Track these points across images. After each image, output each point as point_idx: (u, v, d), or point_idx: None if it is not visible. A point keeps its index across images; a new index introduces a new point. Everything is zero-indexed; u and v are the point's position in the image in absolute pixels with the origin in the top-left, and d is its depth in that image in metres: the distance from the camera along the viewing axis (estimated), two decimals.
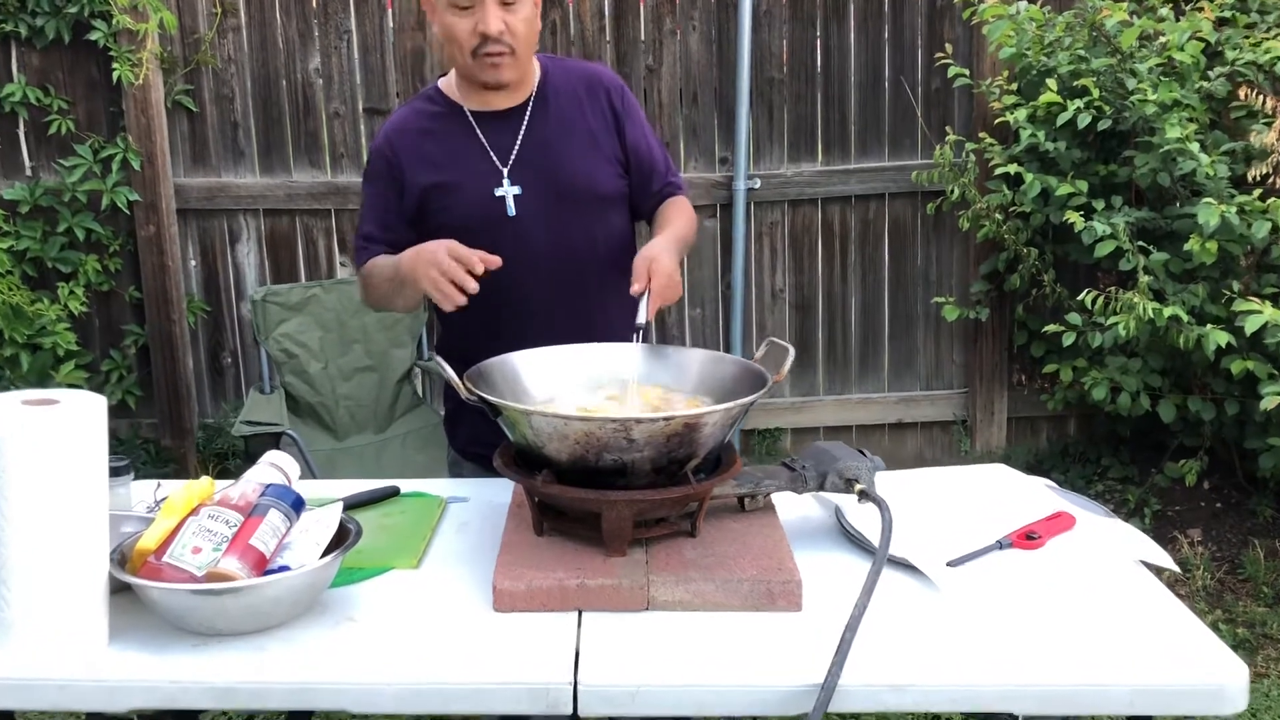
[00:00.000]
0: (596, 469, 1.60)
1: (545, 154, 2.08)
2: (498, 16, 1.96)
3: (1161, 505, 3.93)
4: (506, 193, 2.07)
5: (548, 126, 2.10)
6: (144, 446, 4.16)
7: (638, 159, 2.16)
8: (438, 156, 2.09)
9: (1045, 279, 3.85)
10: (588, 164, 2.10)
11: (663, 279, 1.86)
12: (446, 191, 2.08)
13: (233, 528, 1.55)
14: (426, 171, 2.08)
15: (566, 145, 2.09)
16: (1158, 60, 3.39)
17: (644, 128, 2.20)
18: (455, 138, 2.09)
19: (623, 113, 2.14)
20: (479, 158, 2.08)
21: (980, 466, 2.13)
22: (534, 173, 2.08)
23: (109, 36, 3.86)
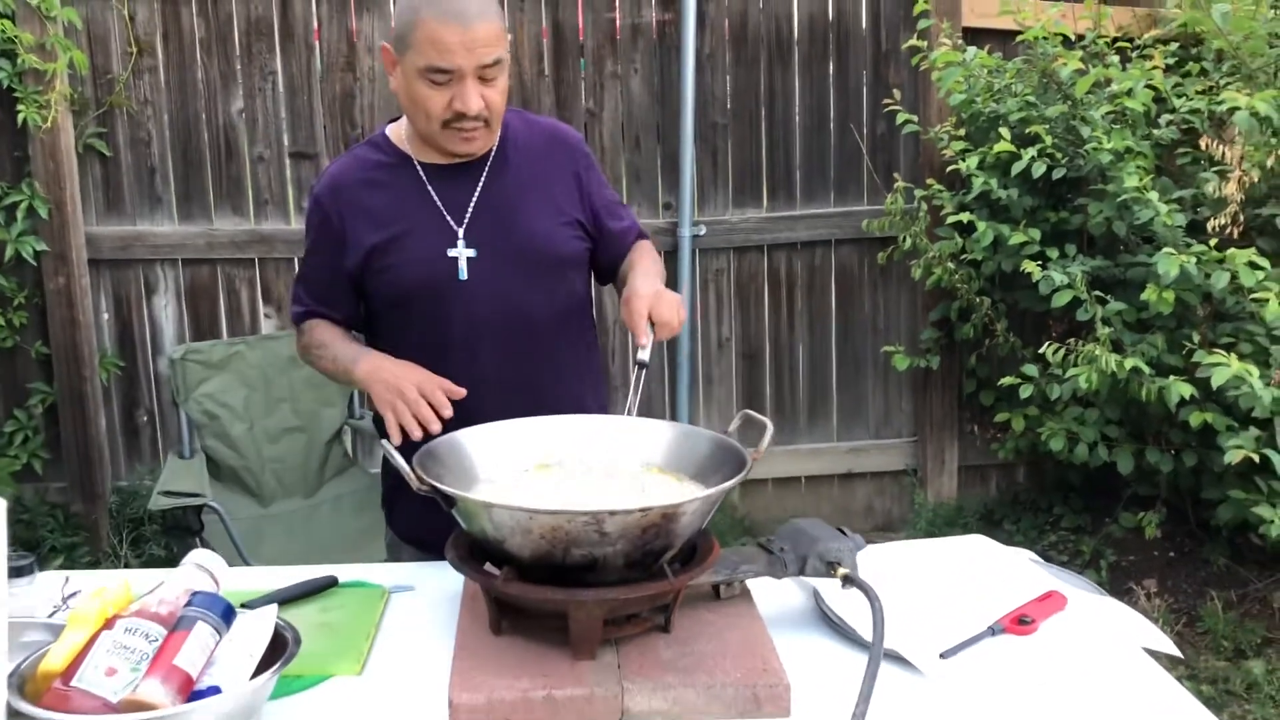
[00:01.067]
0: (563, 565, 1.44)
1: (503, 214, 1.93)
2: (478, 94, 1.81)
3: (1116, 555, 3.86)
4: (460, 254, 1.91)
5: (506, 184, 1.94)
6: (52, 514, 3.89)
7: (604, 220, 2.04)
8: (384, 212, 1.92)
9: (998, 328, 3.78)
10: (547, 225, 1.96)
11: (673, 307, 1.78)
12: (393, 251, 1.91)
13: (154, 643, 1.36)
14: (370, 229, 1.91)
15: (526, 205, 1.94)
16: (1109, 108, 3.35)
17: (606, 186, 2.08)
18: (404, 192, 1.92)
19: (587, 174, 2.02)
20: (430, 215, 1.92)
21: (960, 538, 2.03)
22: (490, 234, 1.92)
23: (13, 76, 3.63)
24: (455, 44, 1.75)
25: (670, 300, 1.79)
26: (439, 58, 1.77)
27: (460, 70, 1.78)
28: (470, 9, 1.76)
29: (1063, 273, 3.29)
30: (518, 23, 4.01)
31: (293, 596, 1.79)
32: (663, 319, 1.78)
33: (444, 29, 1.75)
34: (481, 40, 1.76)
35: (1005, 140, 3.41)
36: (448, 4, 1.76)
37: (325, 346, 1.95)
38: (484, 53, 1.77)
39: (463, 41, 1.76)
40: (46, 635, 1.53)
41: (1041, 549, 3.99)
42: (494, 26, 1.79)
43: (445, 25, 1.75)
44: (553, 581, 1.45)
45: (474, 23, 1.76)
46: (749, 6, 4.09)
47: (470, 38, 1.76)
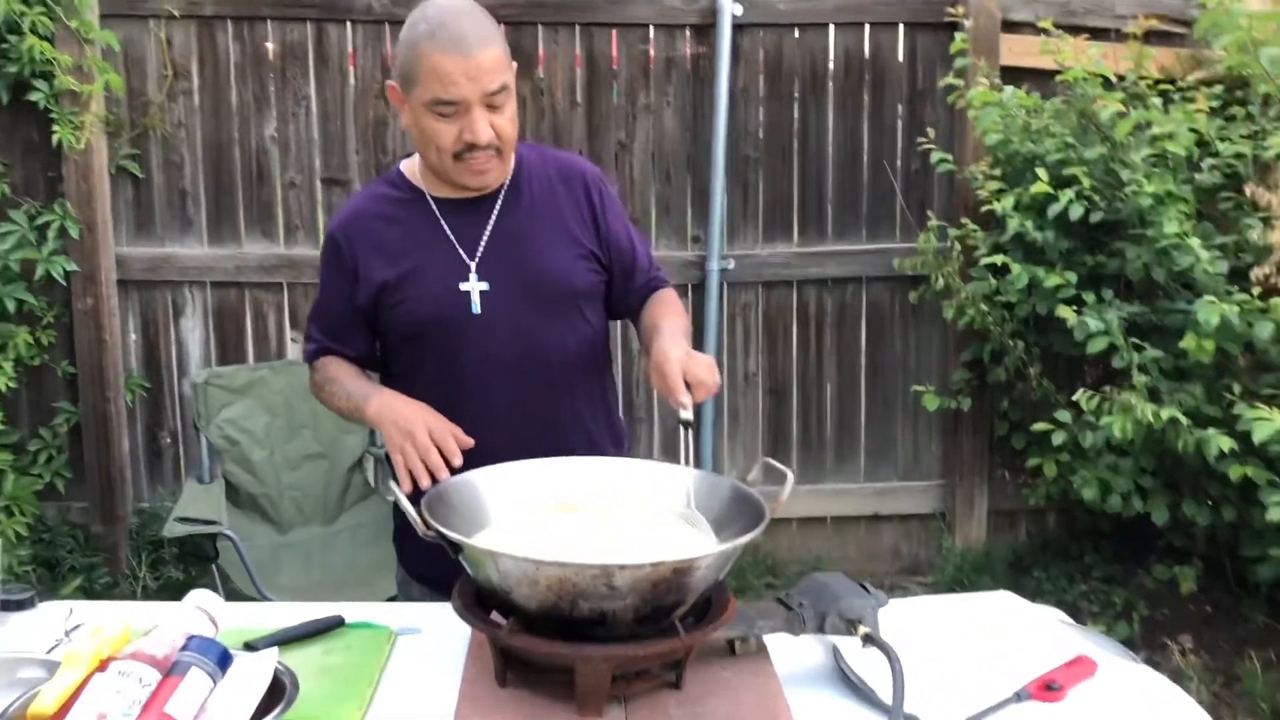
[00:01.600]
0: (571, 618, 1.39)
1: (516, 247, 1.90)
2: (487, 123, 1.77)
3: (1149, 609, 3.76)
4: (473, 288, 1.87)
5: (520, 217, 1.91)
6: (72, 534, 3.88)
7: (619, 255, 1.99)
8: (397, 247, 1.89)
9: (1031, 372, 3.70)
10: (561, 258, 1.92)
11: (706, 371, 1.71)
12: (405, 286, 1.88)
13: (147, 688, 1.33)
14: (383, 264, 1.89)
15: (539, 238, 1.91)
16: (1150, 151, 3.29)
17: (623, 221, 2.03)
18: (417, 227, 1.89)
19: (601, 206, 1.97)
20: (443, 249, 1.89)
21: (985, 595, 1.97)
22: (503, 267, 1.89)
23: (50, 98, 3.65)
24: (458, 74, 1.73)
25: (704, 361, 1.73)
26: (443, 89, 1.74)
27: (466, 100, 1.75)
28: (470, 38, 1.73)
29: (1099, 318, 3.22)
30: (551, 53, 4.00)
31: (297, 637, 1.75)
32: (698, 379, 1.70)
33: (446, 60, 1.72)
34: (485, 68, 1.73)
35: (1042, 181, 3.35)
36: (447, 35, 1.73)
37: (336, 383, 1.92)
38: (488, 80, 1.74)
39: (465, 71, 1.73)
40: (42, 672, 1.49)
41: (1072, 598, 3.89)
42: (496, 53, 1.75)
43: (447, 56, 1.72)
44: (560, 634, 1.40)
45: (476, 51, 1.72)
46: (784, 40, 4.06)
47: (473, 66, 1.72)
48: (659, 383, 1.73)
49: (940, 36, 4.03)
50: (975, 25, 3.85)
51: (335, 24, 3.91)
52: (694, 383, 1.70)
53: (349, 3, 3.89)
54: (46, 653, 1.60)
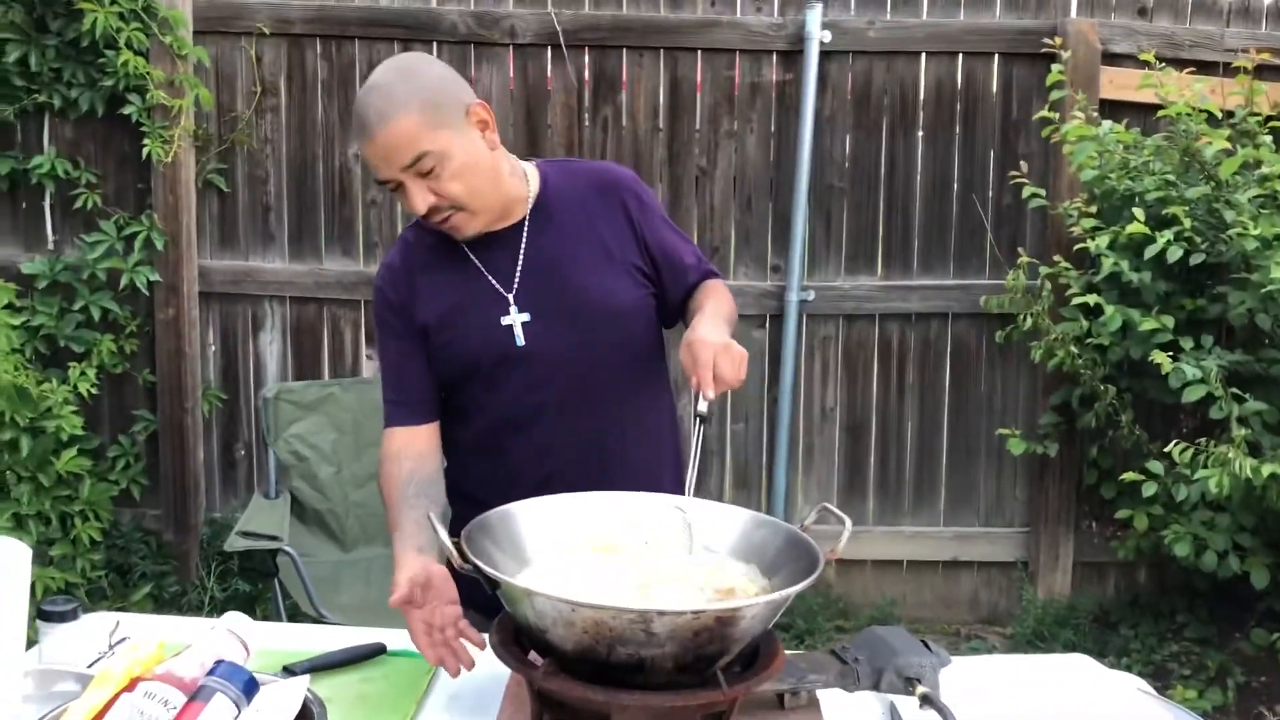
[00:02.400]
0: (608, 663, 1.32)
1: (552, 272, 1.84)
2: (423, 192, 1.72)
3: (1246, 675, 3.55)
4: (514, 320, 1.82)
5: (551, 241, 1.85)
6: (144, 540, 3.92)
7: (665, 259, 1.91)
8: (437, 291, 1.85)
9: (1123, 419, 3.53)
10: (601, 278, 1.85)
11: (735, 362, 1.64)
12: (449, 328, 1.84)
13: (171, 710, 1.30)
14: (427, 310, 1.85)
15: (575, 259, 1.85)
16: (1259, 191, 3.12)
17: (665, 223, 1.95)
18: (451, 267, 1.85)
19: (640, 214, 1.89)
20: (480, 285, 1.84)
21: (1058, 657, 1.86)
22: (542, 294, 1.83)
23: (143, 111, 3.72)
24: (374, 158, 1.71)
25: (736, 355, 1.65)
26: (375, 172, 1.74)
27: (392, 179, 1.72)
28: (370, 118, 1.68)
29: (1196, 365, 3.06)
30: (635, 77, 3.96)
31: (337, 663, 1.72)
32: (722, 374, 1.63)
33: (362, 146, 1.73)
34: (392, 146, 1.68)
35: (1139, 220, 3.20)
36: (357, 120, 1.71)
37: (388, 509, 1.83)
38: (399, 157, 1.68)
39: (376, 153, 1.70)
40: (76, 686, 1.48)
41: (1161, 659, 3.69)
42: (404, 125, 1.67)
43: (361, 142, 1.72)
44: (597, 678, 1.33)
45: (377, 133, 1.67)
46: (873, 69, 3.97)
47: (380, 147, 1.68)
48: (686, 360, 1.67)
49: (1036, 67, 3.90)
50: (1074, 56, 3.72)
51: (422, 44, 3.92)
52: (717, 376, 1.63)
53: (435, 24, 3.91)
54: (89, 665, 1.59)
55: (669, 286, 1.92)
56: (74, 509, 3.63)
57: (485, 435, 1.87)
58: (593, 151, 3.95)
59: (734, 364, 1.64)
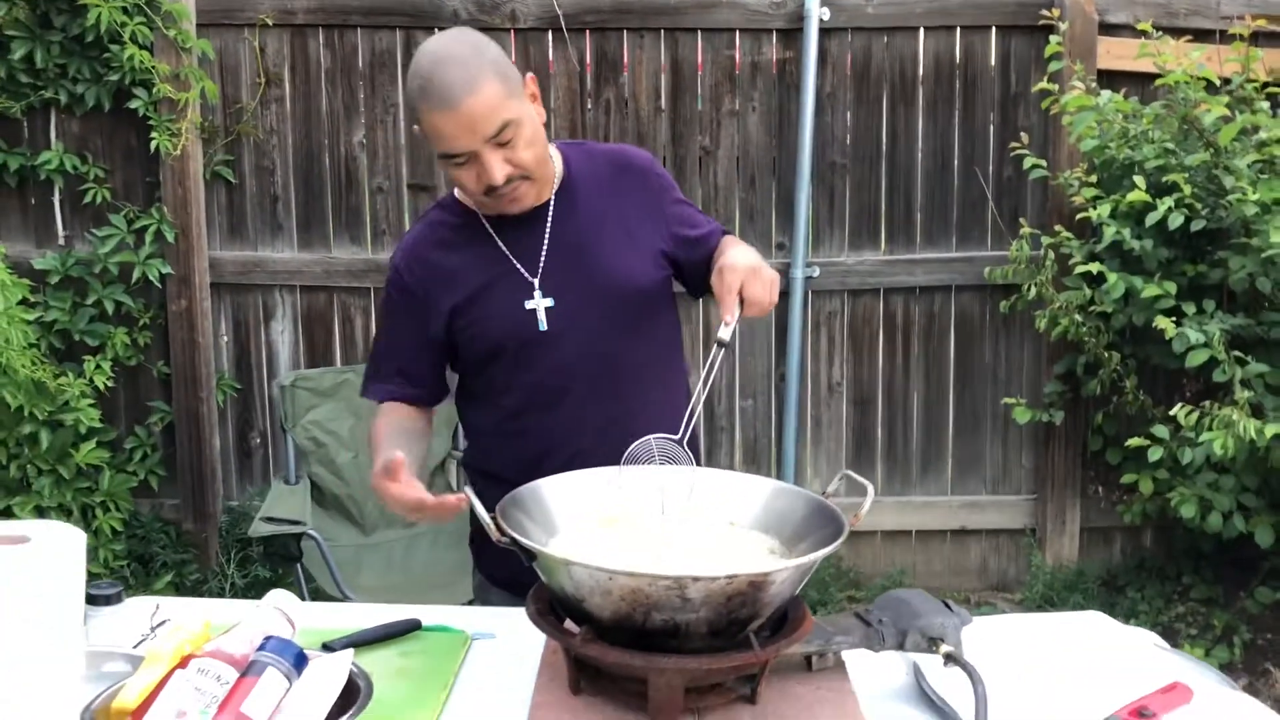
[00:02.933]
0: (644, 629, 1.37)
1: (577, 256, 1.87)
2: (500, 162, 1.74)
3: (1252, 633, 3.61)
4: (538, 305, 1.86)
5: (576, 224, 1.88)
6: (164, 530, 3.97)
7: (686, 238, 1.94)
8: (460, 273, 1.88)
9: (1127, 385, 3.58)
10: (625, 260, 1.89)
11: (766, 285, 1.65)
12: (473, 310, 1.87)
13: (225, 686, 1.34)
14: (450, 292, 1.88)
15: (599, 242, 1.88)
16: (1256, 156, 3.16)
17: (681, 199, 1.98)
18: (477, 250, 1.88)
19: (660, 195, 1.93)
20: (505, 269, 1.87)
21: (1075, 615, 1.90)
22: (567, 279, 1.87)
23: (149, 105, 3.75)
24: (454, 128, 1.70)
25: (767, 278, 1.66)
26: (445, 144, 1.72)
27: (470, 150, 1.72)
28: (455, 90, 1.68)
29: (1199, 330, 3.10)
30: (636, 58, 3.99)
31: (373, 639, 1.76)
32: (754, 296, 1.64)
33: (439, 118, 1.70)
34: (479, 115, 1.69)
35: (1140, 189, 3.24)
36: (434, 92, 1.69)
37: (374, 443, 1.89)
38: (485, 126, 1.70)
39: (459, 124, 1.69)
40: (126, 666, 1.52)
41: (1168, 620, 3.75)
42: (488, 95, 1.69)
43: (437, 114, 1.70)
44: (634, 644, 1.38)
45: (463, 102, 1.68)
46: (873, 45, 4.00)
47: (465, 118, 1.69)
48: (717, 286, 1.67)
49: (1034, 40, 3.93)
50: (1071, 28, 3.75)
51: (424, 31, 3.95)
52: (748, 299, 1.64)
53: (436, 10, 3.93)
54: (133, 647, 1.63)
55: (689, 257, 1.95)
56: (94, 500, 3.68)
57: (510, 417, 1.91)
58: (596, 134, 3.98)
59: (765, 286, 1.66)
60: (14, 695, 1.22)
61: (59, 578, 1.27)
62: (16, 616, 1.22)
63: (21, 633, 1.22)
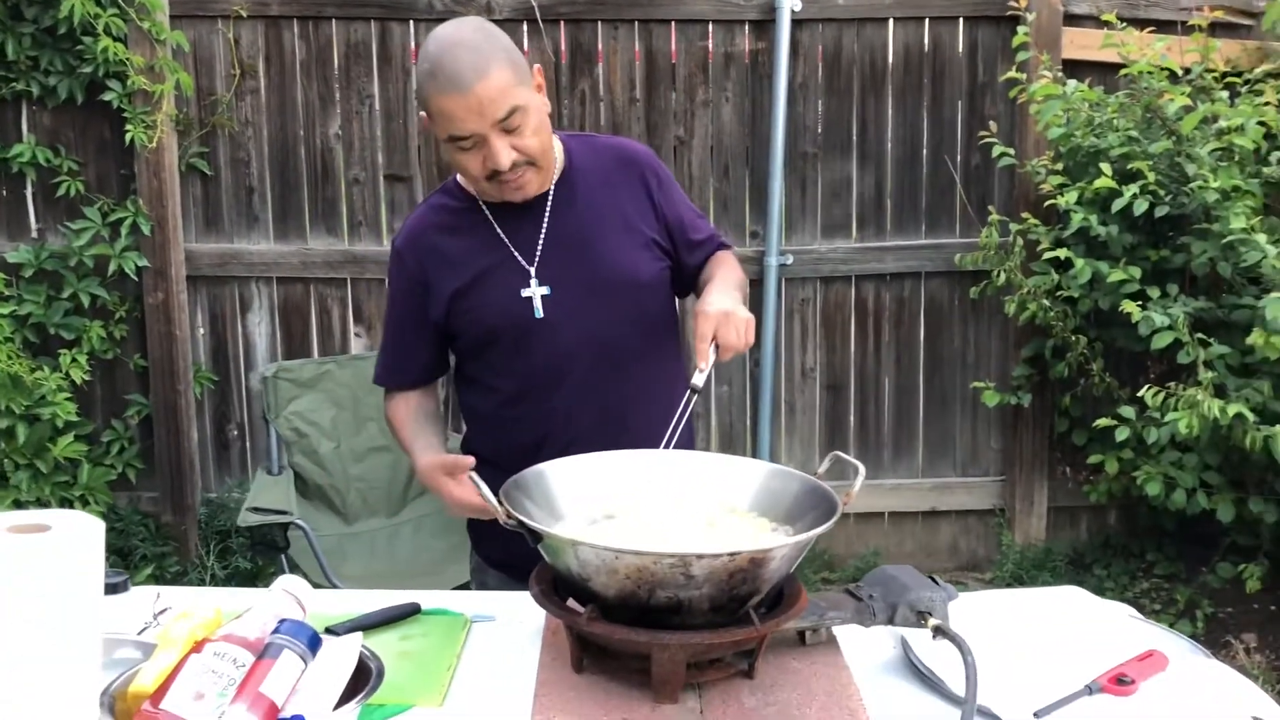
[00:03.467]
0: (648, 606, 1.41)
1: (574, 246, 1.91)
2: (507, 147, 1.77)
3: (1213, 607, 3.72)
4: (534, 293, 1.90)
5: (575, 214, 1.92)
6: (143, 523, 3.97)
7: (682, 235, 1.99)
8: (461, 258, 1.92)
9: (1094, 368, 3.68)
10: (623, 252, 1.93)
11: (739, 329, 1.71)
12: (472, 295, 1.91)
13: (242, 669, 1.37)
14: (451, 276, 1.92)
15: (597, 233, 1.92)
16: (1216, 145, 3.25)
17: (682, 198, 2.03)
18: (477, 236, 1.92)
19: (658, 189, 1.97)
20: (503, 257, 1.91)
21: (1054, 589, 1.97)
22: (563, 268, 1.91)
23: (123, 98, 3.74)
24: (463, 111, 1.72)
25: (739, 321, 1.72)
26: (454, 127, 1.75)
27: (479, 133, 1.75)
28: (466, 74, 1.71)
29: (1163, 313, 3.19)
30: (610, 49, 4.03)
31: (375, 623, 1.80)
32: (727, 343, 1.71)
33: (448, 100, 1.72)
34: (488, 99, 1.72)
35: (1106, 176, 3.32)
36: (445, 75, 1.72)
37: (399, 428, 2.01)
38: (494, 110, 1.73)
39: (469, 107, 1.72)
40: (137, 653, 1.54)
41: (1133, 596, 3.86)
42: (498, 80, 1.72)
43: (448, 96, 1.72)
44: (636, 622, 1.42)
45: (474, 86, 1.71)
46: (843, 35, 4.06)
47: (475, 102, 1.72)
48: (692, 331, 1.73)
49: (1001, 30, 4.01)
50: (1037, 18, 3.83)
51: (398, 23, 3.97)
52: (721, 344, 1.70)
53: (411, 2, 3.94)
54: (138, 634, 1.66)
55: (684, 259, 2.00)
56: (73, 494, 3.67)
57: (507, 403, 1.95)
58: (572, 124, 4.01)
59: (739, 331, 1.72)
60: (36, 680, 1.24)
61: (79, 565, 1.29)
62: (40, 603, 1.24)
63: (44, 619, 1.25)
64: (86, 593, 1.31)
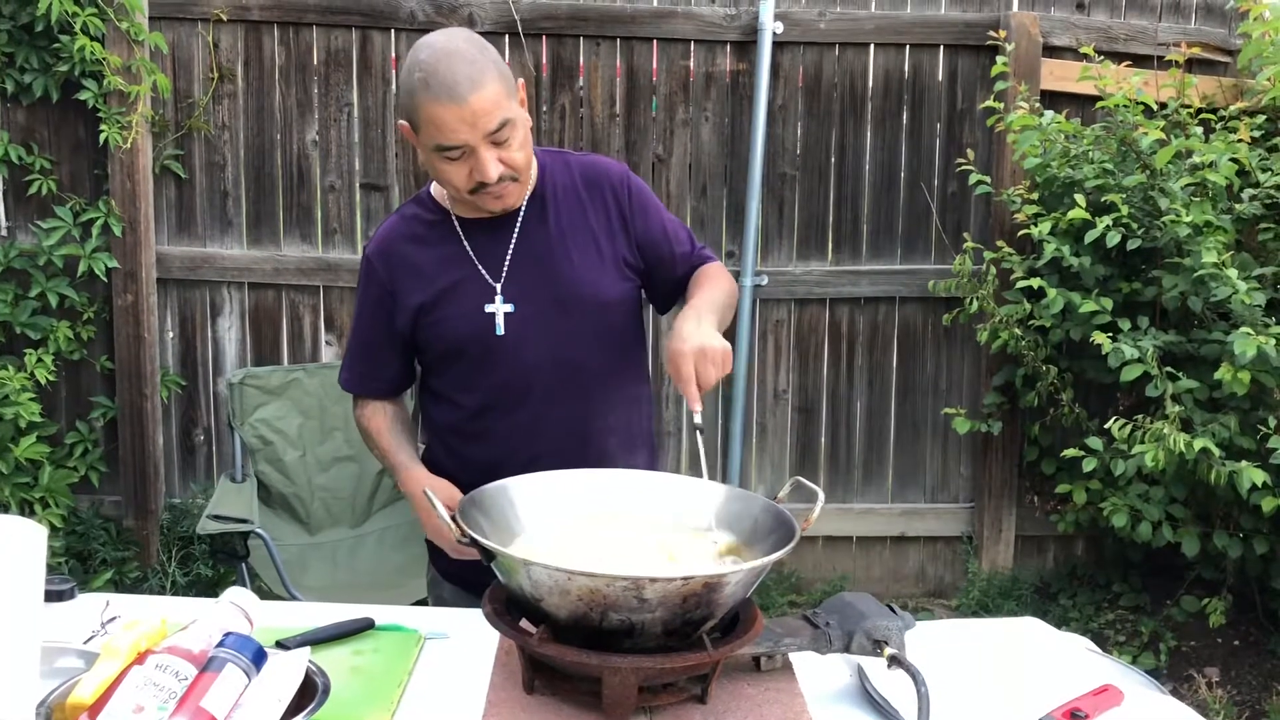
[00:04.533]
0: (600, 629, 1.40)
1: (541, 264, 1.90)
2: (494, 160, 1.76)
3: (1177, 640, 3.73)
4: (498, 310, 1.88)
5: (545, 231, 1.91)
6: (104, 527, 3.92)
7: (654, 249, 1.97)
8: (428, 270, 1.91)
9: (1063, 397, 3.69)
10: (590, 271, 1.91)
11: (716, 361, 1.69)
12: (437, 309, 1.90)
13: (184, 682, 1.34)
14: (417, 288, 1.91)
15: (564, 252, 1.91)
16: (1190, 180, 3.27)
17: (657, 212, 2.00)
18: (445, 249, 1.91)
19: (629, 207, 1.95)
20: (469, 272, 1.90)
21: (1012, 621, 1.96)
22: (528, 286, 1.89)
23: (99, 97, 3.71)
24: (456, 122, 1.71)
25: (715, 355, 1.69)
26: (444, 137, 1.73)
27: (468, 144, 1.74)
28: (461, 84, 1.70)
29: (1133, 346, 3.20)
30: (592, 65, 4.03)
31: (327, 637, 1.77)
32: (705, 380, 1.69)
33: (441, 109, 1.71)
34: (481, 111, 1.71)
35: (1080, 207, 3.34)
36: (439, 83, 1.70)
37: (375, 441, 2.02)
38: (486, 122, 1.72)
39: (462, 118, 1.71)
40: (79, 662, 1.52)
41: (1098, 627, 3.86)
42: (491, 92, 1.72)
43: (442, 106, 1.70)
44: (589, 644, 1.41)
45: (469, 97, 1.70)
46: (824, 59, 4.08)
47: (469, 113, 1.71)
48: (673, 373, 1.71)
49: (981, 59, 4.03)
50: (1016, 49, 3.85)
51: (380, 32, 3.96)
52: (701, 381, 1.68)
53: (393, 11, 3.93)
54: (84, 643, 1.63)
55: (665, 274, 1.99)
56: (34, 496, 3.63)
57: (471, 419, 1.94)
58: (551, 139, 4.01)
59: (716, 364, 1.69)
60: None
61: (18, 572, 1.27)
62: None
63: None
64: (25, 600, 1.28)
